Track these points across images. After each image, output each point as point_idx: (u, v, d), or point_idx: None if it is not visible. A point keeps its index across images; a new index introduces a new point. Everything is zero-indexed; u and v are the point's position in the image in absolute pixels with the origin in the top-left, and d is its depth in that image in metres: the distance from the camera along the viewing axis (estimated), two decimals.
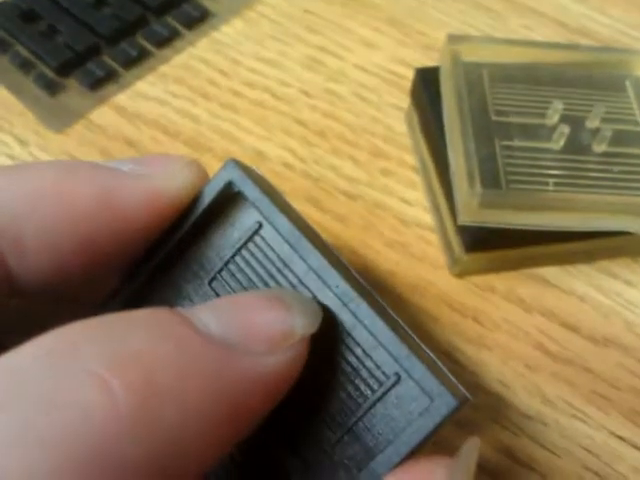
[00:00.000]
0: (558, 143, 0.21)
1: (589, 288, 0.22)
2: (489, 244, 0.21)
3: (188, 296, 0.15)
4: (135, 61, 0.28)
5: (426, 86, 0.24)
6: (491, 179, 0.20)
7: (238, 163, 0.15)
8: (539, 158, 0.21)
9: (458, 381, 0.13)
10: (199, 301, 0.15)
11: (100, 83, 0.27)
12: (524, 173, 0.20)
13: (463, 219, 0.20)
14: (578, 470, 0.19)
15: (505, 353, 0.21)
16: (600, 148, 0.21)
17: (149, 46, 0.29)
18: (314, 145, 0.26)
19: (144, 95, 0.27)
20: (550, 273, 0.23)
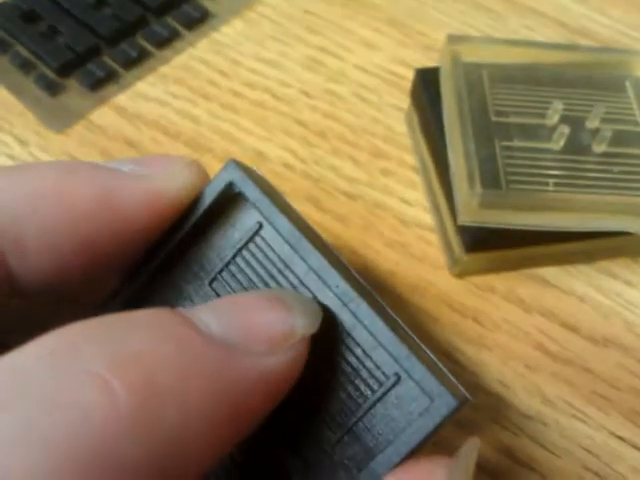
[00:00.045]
0: (558, 143, 0.21)
1: (589, 288, 0.22)
2: (489, 244, 0.21)
3: (189, 297, 0.15)
4: (135, 62, 0.28)
5: (426, 86, 0.24)
6: (491, 179, 0.20)
7: (239, 164, 0.15)
8: (539, 158, 0.21)
9: (458, 381, 0.13)
10: (200, 302, 0.15)
11: (100, 84, 0.27)
12: (524, 173, 0.20)
13: (463, 219, 0.20)
14: (578, 470, 0.19)
15: (505, 353, 0.21)
16: (600, 148, 0.21)
17: (149, 47, 0.29)
18: (314, 145, 0.26)
19: (144, 96, 0.27)
20: (550, 273, 0.23)
